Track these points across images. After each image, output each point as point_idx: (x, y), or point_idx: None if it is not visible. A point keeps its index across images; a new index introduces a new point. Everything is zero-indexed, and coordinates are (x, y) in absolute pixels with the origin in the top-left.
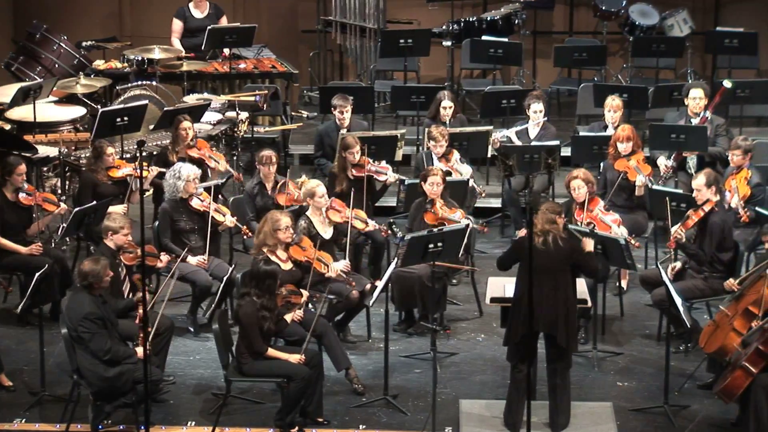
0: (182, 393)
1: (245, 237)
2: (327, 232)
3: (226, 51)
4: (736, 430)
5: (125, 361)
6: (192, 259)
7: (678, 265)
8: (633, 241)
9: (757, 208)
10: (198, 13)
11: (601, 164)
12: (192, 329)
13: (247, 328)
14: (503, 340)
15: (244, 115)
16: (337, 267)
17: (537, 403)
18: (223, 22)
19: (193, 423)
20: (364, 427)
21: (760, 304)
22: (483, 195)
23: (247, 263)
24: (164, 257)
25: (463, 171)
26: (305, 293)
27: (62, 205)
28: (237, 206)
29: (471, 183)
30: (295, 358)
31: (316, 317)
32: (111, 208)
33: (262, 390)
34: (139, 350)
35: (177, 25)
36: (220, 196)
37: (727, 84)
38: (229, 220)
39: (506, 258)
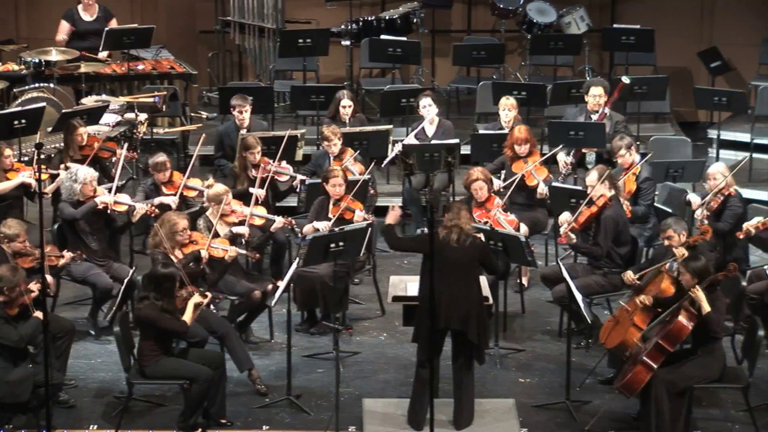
0: (84, 396)
1: (152, 216)
2: (226, 233)
3: (104, 54)
4: (638, 425)
5: (35, 332)
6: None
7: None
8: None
9: (655, 204)
10: (87, 16)
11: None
12: (93, 332)
13: (157, 322)
14: (412, 336)
15: (143, 116)
16: (235, 249)
17: (440, 401)
18: (113, 24)
19: (96, 426)
20: (267, 427)
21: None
22: (373, 193)
23: (147, 265)
24: (67, 254)
25: (355, 171)
26: (209, 294)
27: None
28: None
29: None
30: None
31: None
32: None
33: (165, 392)
34: (38, 313)
35: (64, 26)
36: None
37: (626, 80)
38: (139, 206)
39: (406, 243)
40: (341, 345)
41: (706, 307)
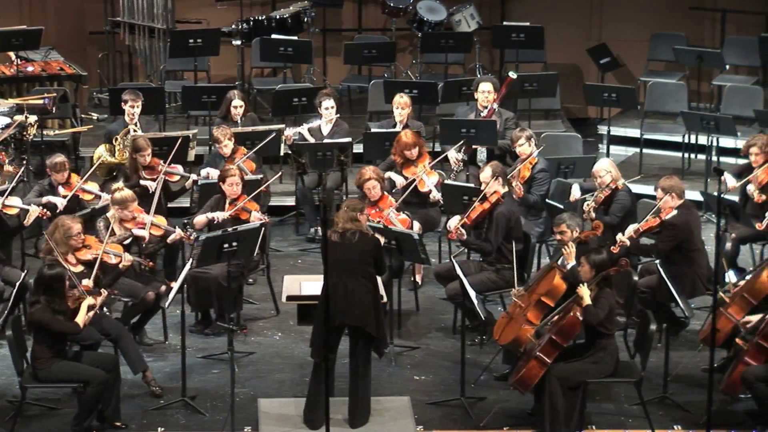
0: None
1: (43, 218)
2: (126, 234)
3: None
4: (532, 420)
5: None
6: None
7: None
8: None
9: (548, 201)
10: None
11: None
12: None
13: (50, 325)
14: (311, 340)
15: (32, 118)
16: (129, 257)
17: (336, 400)
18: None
19: None
20: (162, 429)
21: (552, 295)
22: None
23: (39, 268)
24: None
25: (246, 169)
26: (104, 292)
27: None
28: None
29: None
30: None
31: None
32: None
33: (59, 395)
34: None
35: None
36: None
37: (513, 75)
38: (32, 209)
39: None
40: (236, 345)
41: (587, 300)
